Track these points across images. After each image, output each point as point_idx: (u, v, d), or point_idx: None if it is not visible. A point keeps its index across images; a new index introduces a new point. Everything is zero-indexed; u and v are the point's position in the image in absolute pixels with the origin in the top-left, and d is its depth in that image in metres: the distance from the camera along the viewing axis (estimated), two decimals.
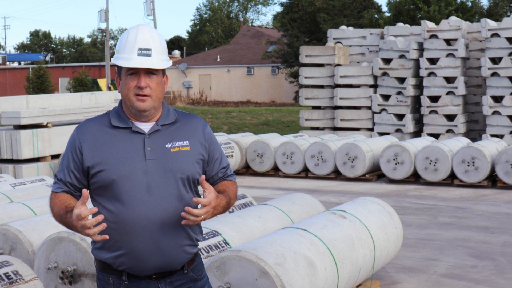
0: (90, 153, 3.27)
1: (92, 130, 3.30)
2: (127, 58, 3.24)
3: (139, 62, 3.22)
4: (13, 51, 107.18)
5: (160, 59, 3.28)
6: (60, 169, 3.36)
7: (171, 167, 3.27)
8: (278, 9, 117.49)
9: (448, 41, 19.26)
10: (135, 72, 3.25)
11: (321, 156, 14.95)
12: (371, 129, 20.14)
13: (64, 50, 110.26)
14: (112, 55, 76.18)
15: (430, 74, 19.18)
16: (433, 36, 19.24)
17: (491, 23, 18.46)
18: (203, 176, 3.21)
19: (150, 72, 3.26)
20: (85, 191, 3.02)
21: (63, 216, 3.20)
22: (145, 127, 3.31)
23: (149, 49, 3.24)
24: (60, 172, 3.35)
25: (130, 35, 3.27)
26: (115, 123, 3.30)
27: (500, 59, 18.26)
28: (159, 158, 3.26)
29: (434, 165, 13.76)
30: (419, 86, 19.83)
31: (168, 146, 3.30)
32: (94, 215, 3.08)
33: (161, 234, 3.24)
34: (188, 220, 3.13)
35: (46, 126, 14.52)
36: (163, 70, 3.34)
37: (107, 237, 3.07)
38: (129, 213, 3.21)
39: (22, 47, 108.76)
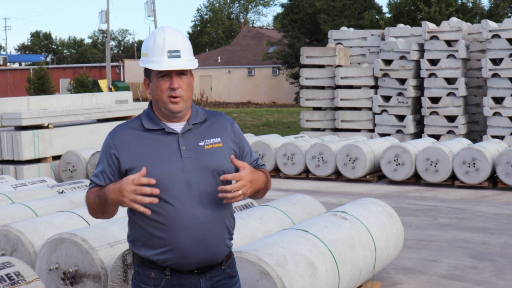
0: (127, 157, 3.36)
1: (125, 135, 3.40)
2: (157, 61, 3.32)
3: (170, 65, 3.31)
4: (14, 52, 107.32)
5: (188, 60, 3.38)
6: (95, 174, 3.44)
7: (207, 163, 3.37)
8: (279, 10, 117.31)
9: (448, 42, 19.27)
10: (166, 74, 3.34)
11: (322, 157, 14.96)
12: (372, 130, 20.14)
13: (65, 51, 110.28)
14: (112, 56, 76.23)
15: (430, 75, 19.18)
16: (434, 37, 19.24)
17: (492, 24, 18.47)
18: (232, 156, 3.36)
19: (180, 73, 3.36)
20: (144, 168, 3.16)
21: (97, 196, 3.33)
22: (177, 127, 3.41)
23: (178, 51, 3.34)
24: (95, 177, 3.44)
25: (158, 38, 3.35)
26: (148, 126, 3.40)
27: (500, 60, 18.27)
28: (194, 156, 3.37)
29: (435, 166, 13.77)
30: (420, 87, 19.84)
31: (202, 143, 3.40)
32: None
33: (204, 228, 3.34)
34: (227, 198, 3.25)
35: (47, 127, 14.53)
36: (190, 70, 3.44)
37: (149, 212, 3.18)
38: (172, 210, 3.30)
39: (23, 48, 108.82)
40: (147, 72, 3.41)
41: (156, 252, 3.33)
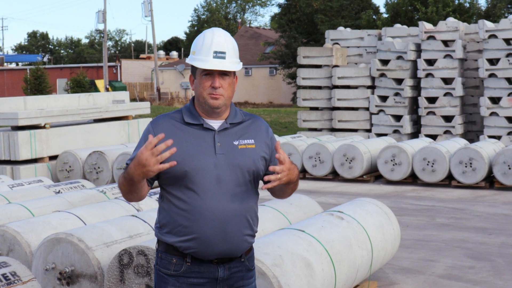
0: (165, 146, 3.42)
1: (166, 125, 3.56)
2: (203, 60, 3.50)
3: (214, 65, 3.48)
4: (10, 52, 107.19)
5: (232, 62, 3.54)
6: (131, 158, 3.50)
7: (238, 162, 3.52)
8: (276, 10, 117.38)
9: (445, 42, 19.28)
10: (210, 73, 3.51)
11: (319, 157, 14.96)
12: (369, 130, 20.15)
13: (62, 51, 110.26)
14: (109, 56, 76.19)
15: (427, 75, 19.19)
16: (431, 37, 19.25)
17: (489, 24, 18.49)
18: (279, 141, 3.54)
19: (223, 73, 3.53)
20: (150, 136, 3.29)
21: (123, 178, 3.42)
22: (215, 124, 3.58)
23: (223, 52, 3.51)
24: (130, 161, 3.50)
25: (207, 38, 3.53)
26: (188, 119, 3.57)
27: (497, 60, 18.28)
28: (228, 153, 3.52)
29: (432, 166, 13.77)
30: (417, 87, 19.85)
31: (236, 143, 3.56)
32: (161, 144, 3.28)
33: (228, 222, 3.49)
34: (273, 181, 3.36)
35: (43, 127, 14.51)
36: (234, 72, 3.60)
37: (175, 162, 3.29)
38: (200, 201, 3.47)
39: (19, 48, 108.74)
40: (193, 69, 3.60)
41: (180, 239, 3.49)
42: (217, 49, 3.49)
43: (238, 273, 3.60)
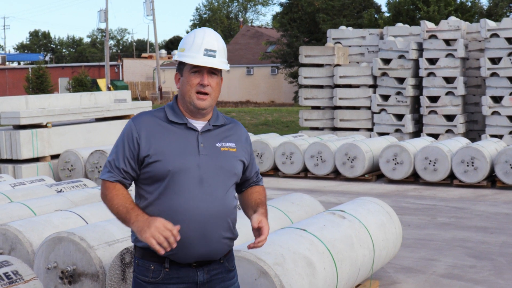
0: (147, 144, 3.47)
1: (148, 122, 3.52)
2: (193, 56, 3.48)
3: (204, 61, 3.47)
4: (12, 51, 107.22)
5: (222, 61, 3.54)
6: (115, 157, 3.52)
7: (222, 164, 3.53)
8: (278, 9, 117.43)
9: (447, 42, 19.27)
10: (198, 70, 3.50)
11: (321, 156, 14.96)
12: (371, 129, 20.14)
13: (64, 50, 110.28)
14: (111, 55, 76.21)
15: (429, 74, 19.19)
16: (433, 37, 19.25)
17: (491, 24, 18.47)
18: (263, 220, 3.54)
19: (212, 72, 3.52)
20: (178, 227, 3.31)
21: (124, 213, 3.41)
22: (198, 125, 3.56)
23: (214, 51, 3.51)
24: (115, 160, 3.52)
25: (197, 37, 3.53)
26: (172, 118, 3.53)
27: (499, 59, 18.27)
28: (211, 155, 3.51)
29: (434, 165, 13.77)
30: (419, 86, 19.85)
31: (219, 145, 3.56)
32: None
33: (208, 224, 3.45)
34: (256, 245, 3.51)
35: (45, 126, 14.51)
36: (221, 73, 3.60)
37: (162, 252, 3.25)
38: (180, 202, 3.42)
39: (21, 47, 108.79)
40: (180, 66, 3.57)
41: None
42: (208, 47, 3.49)
43: (218, 275, 3.56)
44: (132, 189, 3.65)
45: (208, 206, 3.44)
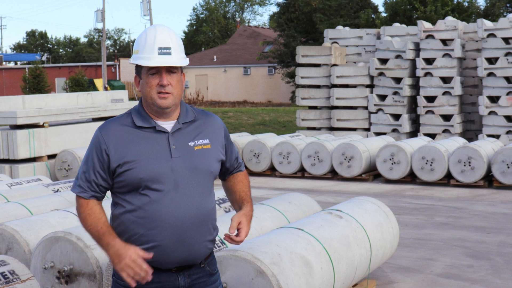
0: (117, 154, 3.37)
1: (116, 131, 3.40)
2: (148, 57, 3.35)
3: (160, 61, 3.33)
4: (9, 51, 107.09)
5: (179, 57, 3.41)
6: (85, 170, 3.43)
7: (196, 164, 3.42)
8: (275, 9, 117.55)
9: (444, 41, 19.28)
10: (156, 71, 3.37)
11: (318, 156, 14.96)
12: (368, 129, 20.15)
13: (61, 50, 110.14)
14: (108, 55, 76.16)
15: (426, 74, 19.19)
16: (430, 36, 19.25)
17: (488, 24, 18.49)
18: (241, 222, 3.49)
19: (170, 70, 3.39)
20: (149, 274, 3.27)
21: (97, 237, 3.39)
22: (167, 125, 3.44)
23: (168, 48, 3.37)
24: (85, 173, 3.43)
25: (149, 36, 3.39)
26: (139, 123, 3.41)
27: (496, 59, 18.28)
28: (184, 156, 3.40)
29: (431, 165, 13.77)
30: (416, 86, 19.85)
31: (191, 144, 3.44)
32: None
33: (187, 229, 3.38)
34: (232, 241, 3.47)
35: (42, 126, 14.51)
36: (181, 68, 3.47)
37: (134, 284, 3.26)
38: (156, 209, 3.33)
39: (18, 47, 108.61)
40: (138, 69, 3.44)
41: None
42: (162, 45, 3.35)
43: (200, 279, 3.49)
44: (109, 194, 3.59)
45: (185, 211, 3.36)
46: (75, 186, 3.44)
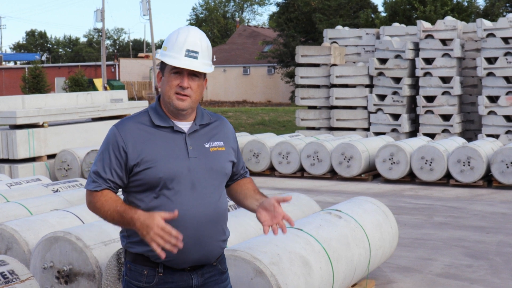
0: (135, 152, 3.36)
1: (133, 129, 3.39)
2: (174, 57, 3.35)
3: (185, 63, 3.34)
4: (9, 51, 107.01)
5: (204, 63, 3.40)
6: (99, 167, 3.40)
7: (212, 165, 3.44)
8: (274, 9, 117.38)
9: (443, 41, 19.28)
10: (179, 71, 3.37)
11: (317, 156, 14.96)
12: (367, 129, 20.15)
13: (60, 50, 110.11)
14: (108, 55, 76.11)
15: (425, 74, 19.20)
16: (429, 36, 19.26)
17: (487, 23, 18.49)
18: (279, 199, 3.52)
19: (193, 74, 3.39)
20: (176, 212, 3.21)
21: (119, 217, 3.30)
22: (184, 126, 3.45)
23: (196, 52, 3.37)
24: (101, 170, 3.39)
25: (180, 35, 3.40)
26: (158, 122, 3.41)
27: (495, 59, 18.29)
28: (200, 157, 3.42)
29: (430, 165, 13.78)
30: (415, 86, 19.85)
31: (207, 145, 3.47)
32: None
33: (203, 229, 3.39)
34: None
35: (42, 126, 14.51)
36: (205, 74, 3.46)
37: (164, 255, 3.17)
38: (173, 208, 3.30)
39: (18, 47, 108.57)
40: (163, 65, 3.44)
41: (151, 248, 3.27)
42: (190, 47, 3.36)
43: (212, 277, 3.50)
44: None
45: (202, 211, 3.37)
46: (89, 183, 3.41)
